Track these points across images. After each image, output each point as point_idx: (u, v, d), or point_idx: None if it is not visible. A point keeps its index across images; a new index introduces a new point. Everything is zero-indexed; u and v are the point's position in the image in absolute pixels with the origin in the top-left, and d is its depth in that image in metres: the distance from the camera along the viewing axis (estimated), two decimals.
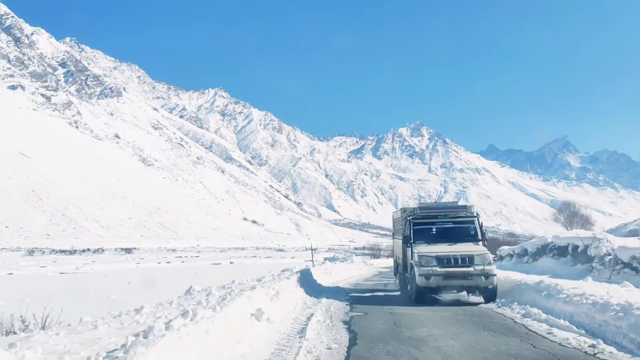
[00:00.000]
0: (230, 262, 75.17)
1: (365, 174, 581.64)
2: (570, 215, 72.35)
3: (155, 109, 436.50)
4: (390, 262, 38.87)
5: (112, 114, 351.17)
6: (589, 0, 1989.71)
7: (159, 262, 77.74)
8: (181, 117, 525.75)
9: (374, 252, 73.45)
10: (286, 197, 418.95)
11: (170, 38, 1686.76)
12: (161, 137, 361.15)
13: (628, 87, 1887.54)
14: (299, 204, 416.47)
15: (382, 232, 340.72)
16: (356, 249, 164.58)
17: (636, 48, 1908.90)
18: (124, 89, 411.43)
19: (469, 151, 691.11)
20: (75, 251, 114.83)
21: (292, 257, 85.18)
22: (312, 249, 55.92)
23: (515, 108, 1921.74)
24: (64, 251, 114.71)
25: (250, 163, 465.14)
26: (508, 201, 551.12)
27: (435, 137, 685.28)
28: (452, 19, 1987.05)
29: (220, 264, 72.78)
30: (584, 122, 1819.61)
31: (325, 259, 40.15)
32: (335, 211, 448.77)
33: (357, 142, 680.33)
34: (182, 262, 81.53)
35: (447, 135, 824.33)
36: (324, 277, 22.73)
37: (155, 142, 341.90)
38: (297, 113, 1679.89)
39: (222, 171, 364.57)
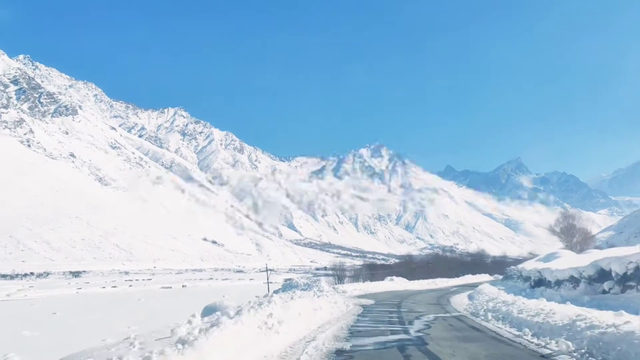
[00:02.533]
0: (183, 286, 73.72)
1: (326, 194, 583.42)
2: (569, 227, 66.68)
3: (113, 128, 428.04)
4: (371, 288, 37.24)
5: (67, 133, 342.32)
6: (543, 27, 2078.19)
7: (103, 287, 75.49)
8: (140, 136, 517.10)
9: (338, 274, 65.43)
10: (247, 217, 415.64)
11: (128, 56, 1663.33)
12: (119, 156, 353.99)
13: (577, 111, 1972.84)
14: (260, 224, 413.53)
15: (343, 252, 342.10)
16: (317, 269, 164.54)
17: (585, 74, 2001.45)
18: (80, 107, 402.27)
19: (428, 172, 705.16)
20: (16, 275, 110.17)
21: (251, 279, 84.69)
22: (267, 271, 53.94)
23: (471, 130, 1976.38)
24: (4, 276, 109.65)
25: (211, 183, 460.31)
26: (465, 221, 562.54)
27: (395, 158, 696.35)
28: (411, 42, 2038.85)
29: (171, 287, 71.46)
30: (536, 144, 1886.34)
31: (285, 280, 32.32)
32: (296, 231, 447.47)
33: (318, 162, 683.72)
34: (130, 286, 79.62)
35: (406, 156, 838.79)
36: (261, 342, 10.60)
37: (113, 161, 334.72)
38: (258, 133, 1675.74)
39: (182, 191, 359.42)
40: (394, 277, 47.63)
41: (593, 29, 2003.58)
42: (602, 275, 17.43)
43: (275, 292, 26.46)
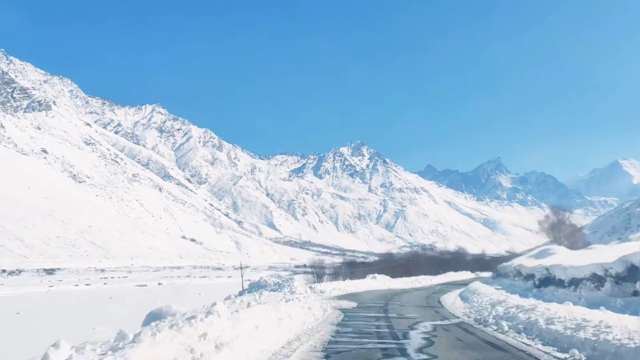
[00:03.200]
0: (159, 284, 70.68)
1: (306, 193, 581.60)
2: (558, 222, 64.16)
3: (88, 124, 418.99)
4: (352, 287, 33.28)
5: (39, 128, 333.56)
6: (523, 28, 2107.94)
7: (76, 285, 72.24)
8: (116, 133, 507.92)
9: (317, 271, 63.88)
10: (226, 215, 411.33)
11: (104, 51, 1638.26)
12: (94, 153, 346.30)
13: (555, 112, 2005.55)
14: (239, 223, 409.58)
15: (322, 250, 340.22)
16: (297, 267, 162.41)
17: (563, 75, 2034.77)
18: (54, 102, 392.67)
19: (408, 171, 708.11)
20: None
21: (229, 277, 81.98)
22: (242, 268, 50.49)
23: (452, 129, 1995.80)
24: None
25: (190, 181, 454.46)
26: (444, 220, 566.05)
27: (376, 157, 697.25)
28: (394, 42, 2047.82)
29: (146, 285, 68.51)
30: (515, 144, 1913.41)
31: (250, 284, 25.69)
32: (276, 229, 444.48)
33: (298, 160, 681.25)
34: (105, 283, 76.33)
35: (387, 155, 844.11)
36: None
37: (88, 158, 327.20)
38: (238, 131, 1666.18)
39: (160, 189, 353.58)
40: (376, 275, 43.79)
41: (572, 30, 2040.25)
42: (633, 273, 14.85)
43: (240, 293, 22.09)
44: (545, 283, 20.65)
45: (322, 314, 16.50)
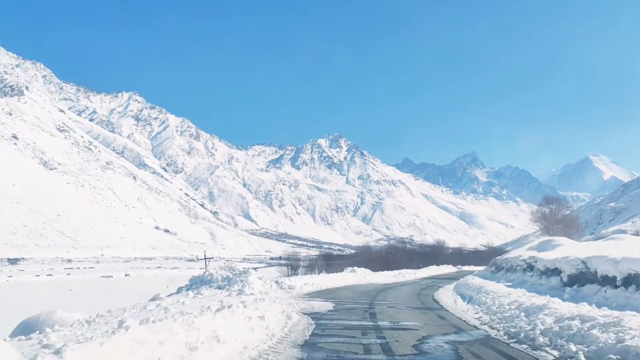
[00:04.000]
0: (126, 275, 67.95)
1: (283, 184, 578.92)
2: (553, 212, 59.93)
3: (62, 111, 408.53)
4: (328, 282, 27.84)
5: (10, 114, 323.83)
6: (497, 23, 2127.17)
7: (37, 275, 69.25)
8: (91, 120, 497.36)
9: (292, 263, 60.24)
10: (202, 205, 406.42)
11: (80, 36, 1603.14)
12: (67, 140, 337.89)
13: (529, 107, 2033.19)
14: (215, 213, 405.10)
15: (299, 242, 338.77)
16: (272, 259, 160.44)
17: (538, 70, 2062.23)
18: (27, 87, 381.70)
19: (385, 164, 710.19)
20: None
21: (201, 268, 79.64)
22: (205, 259, 48.13)
23: (429, 123, 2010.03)
24: None
25: (165, 170, 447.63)
26: (421, 213, 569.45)
27: (354, 149, 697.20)
28: (369, 34, 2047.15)
29: (112, 276, 65.90)
30: (491, 138, 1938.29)
31: (191, 279, 19.12)
32: (252, 221, 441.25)
33: (276, 151, 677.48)
34: (68, 274, 73.38)
35: (364, 147, 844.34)
36: None
37: (60, 145, 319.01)
38: (215, 120, 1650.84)
39: (134, 177, 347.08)
40: (355, 268, 39.01)
41: (549, 22, 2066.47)
42: None
43: (179, 290, 17.73)
44: (581, 281, 16.01)
45: (281, 325, 11.29)
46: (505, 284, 20.11)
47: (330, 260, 66.68)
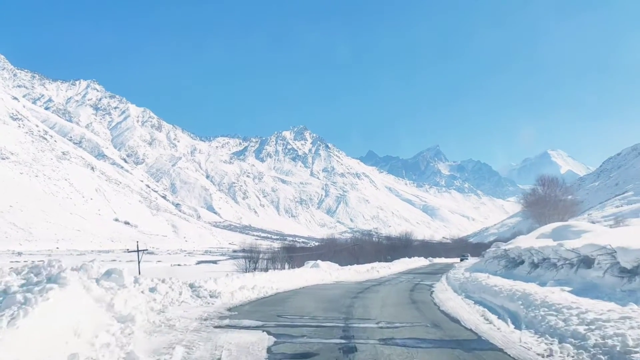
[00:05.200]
0: (72, 269, 63.58)
1: (247, 176, 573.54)
2: (549, 196, 51.10)
3: (15, 98, 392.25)
4: (283, 282, 19.05)
5: None
6: (456, 17, 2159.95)
7: None
8: (47, 109, 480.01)
9: (253, 256, 57.88)
10: (164, 197, 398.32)
11: (36, 21, 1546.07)
12: (20, 128, 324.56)
13: (491, 102, 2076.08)
14: (177, 205, 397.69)
15: (263, 234, 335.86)
16: (235, 251, 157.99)
17: (500, 67, 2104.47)
18: None
19: (350, 156, 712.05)
20: None
21: (159, 261, 76.79)
22: (138, 251, 39.64)
23: (393, 116, 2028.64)
24: None
25: (126, 161, 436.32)
26: (385, 206, 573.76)
27: (318, 142, 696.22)
28: (334, 27, 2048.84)
29: None
30: (454, 132, 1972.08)
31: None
32: (215, 213, 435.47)
33: (240, 143, 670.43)
34: (11, 268, 68.67)
35: (329, 140, 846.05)
36: None
37: (12, 133, 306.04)
38: (178, 111, 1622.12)
39: (92, 168, 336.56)
40: (318, 262, 31.47)
41: (512, 12, 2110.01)
42: None
43: None
44: None
45: None
46: (564, 289, 11.79)
47: (293, 253, 64.71)
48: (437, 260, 62.48)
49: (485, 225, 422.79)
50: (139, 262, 31.38)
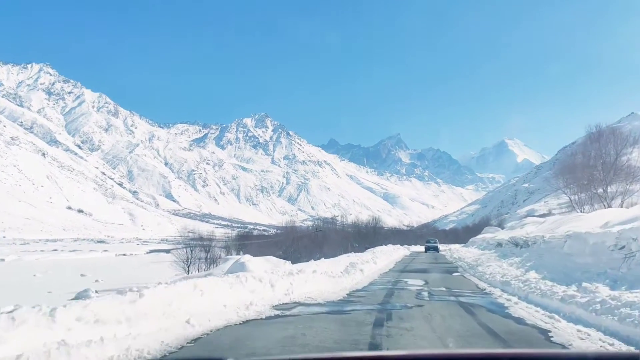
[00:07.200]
0: (1, 259, 58.37)
1: (207, 164, 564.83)
2: (601, 157, 35.72)
3: None
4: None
5: None
6: (422, 4, 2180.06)
7: None
8: None
9: (205, 245, 48.94)
10: (120, 185, 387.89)
11: None
12: None
13: (451, 91, 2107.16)
14: (134, 193, 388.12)
15: (223, 222, 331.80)
16: (193, 240, 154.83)
17: (458, 58, 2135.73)
18: None
19: (312, 144, 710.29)
20: None
21: (105, 250, 72.96)
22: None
23: (355, 104, 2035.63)
24: None
25: (80, 147, 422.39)
26: (346, 193, 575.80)
27: (280, 129, 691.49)
28: (296, 15, 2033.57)
29: None
30: (414, 121, 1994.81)
31: None
32: (174, 201, 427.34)
33: (200, 130, 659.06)
34: None
35: (290, 127, 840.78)
36: None
37: None
38: (136, 97, 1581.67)
39: (44, 154, 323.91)
40: (248, 259, 20.06)
41: (473, 8, 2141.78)
42: None
43: None
44: None
45: None
46: None
47: (247, 241, 61.07)
48: (414, 248, 57.19)
49: (444, 212, 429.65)
50: None
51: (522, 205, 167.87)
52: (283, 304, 10.54)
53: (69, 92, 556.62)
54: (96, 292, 17.68)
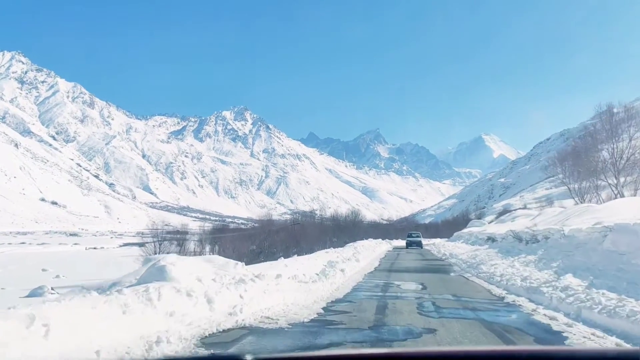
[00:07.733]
0: None
1: (185, 156, 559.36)
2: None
3: None
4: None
5: None
6: (396, 3, 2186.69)
7: None
8: None
9: (179, 238, 49.92)
10: (96, 177, 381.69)
11: None
12: None
13: (430, 86, 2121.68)
14: (111, 185, 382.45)
15: (201, 215, 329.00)
16: (169, 232, 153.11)
17: (437, 53, 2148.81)
18: None
19: (291, 138, 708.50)
20: None
21: (76, 244, 71.27)
22: None
23: (334, 98, 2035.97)
24: None
25: (55, 138, 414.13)
26: (325, 187, 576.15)
27: (259, 122, 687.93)
28: (274, 7, 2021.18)
29: None
30: (393, 116, 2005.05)
31: None
32: (152, 193, 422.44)
33: (178, 122, 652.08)
34: None
35: (270, 121, 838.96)
36: None
37: None
38: (113, 88, 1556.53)
39: (16, 145, 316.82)
40: (167, 260, 9.03)
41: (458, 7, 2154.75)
42: None
43: None
44: None
45: None
46: None
47: (222, 234, 59.73)
48: (396, 242, 55.11)
49: (422, 207, 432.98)
50: None
51: (499, 199, 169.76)
52: (222, 331, 7.08)
53: (42, 82, 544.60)
54: (52, 289, 16.90)
